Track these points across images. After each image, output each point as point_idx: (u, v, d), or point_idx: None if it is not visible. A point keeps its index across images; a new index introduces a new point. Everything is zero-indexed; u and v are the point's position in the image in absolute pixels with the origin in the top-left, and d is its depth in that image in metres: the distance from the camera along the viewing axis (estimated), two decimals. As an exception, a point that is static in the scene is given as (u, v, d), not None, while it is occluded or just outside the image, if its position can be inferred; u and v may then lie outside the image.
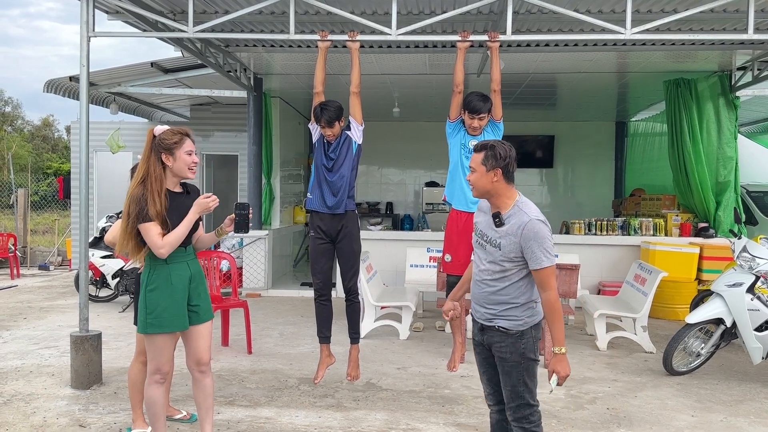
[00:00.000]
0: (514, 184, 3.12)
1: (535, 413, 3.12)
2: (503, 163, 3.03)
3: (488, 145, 3.08)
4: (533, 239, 2.93)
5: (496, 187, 3.06)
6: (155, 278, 3.42)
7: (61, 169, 26.92)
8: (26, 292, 9.60)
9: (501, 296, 3.06)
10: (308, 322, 7.50)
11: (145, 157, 3.42)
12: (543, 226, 2.97)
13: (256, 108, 9.37)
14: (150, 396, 3.51)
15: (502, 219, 3.04)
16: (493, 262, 3.06)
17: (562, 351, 2.98)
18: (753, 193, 10.68)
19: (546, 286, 2.97)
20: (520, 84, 9.78)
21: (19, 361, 5.75)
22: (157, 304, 3.39)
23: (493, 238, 3.07)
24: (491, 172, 3.04)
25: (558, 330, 2.99)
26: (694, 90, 8.67)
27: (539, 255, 2.93)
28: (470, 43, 5.53)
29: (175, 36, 6.11)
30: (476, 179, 3.09)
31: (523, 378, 3.06)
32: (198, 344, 3.55)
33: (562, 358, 2.98)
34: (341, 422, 4.35)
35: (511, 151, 3.08)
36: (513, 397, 3.09)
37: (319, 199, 5.05)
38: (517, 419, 3.12)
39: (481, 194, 3.13)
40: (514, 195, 3.08)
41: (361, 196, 14.41)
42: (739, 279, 5.31)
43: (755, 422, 4.49)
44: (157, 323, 3.40)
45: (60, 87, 9.59)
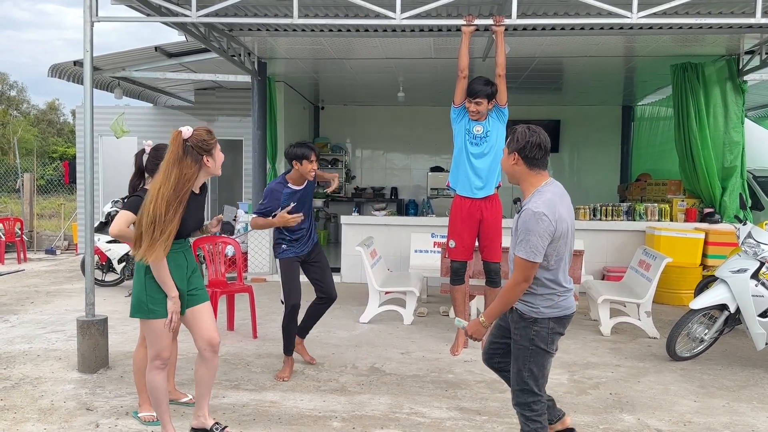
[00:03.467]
0: (542, 171, 3.08)
1: (538, 403, 3.13)
2: (521, 147, 3.02)
3: (513, 129, 3.11)
4: (520, 227, 2.98)
5: (516, 170, 3.08)
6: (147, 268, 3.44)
7: (67, 153, 26.99)
8: (33, 277, 9.67)
9: None
10: (313, 307, 7.53)
11: (175, 160, 3.37)
12: (532, 217, 2.92)
13: (261, 92, 9.35)
14: (151, 381, 3.55)
15: (520, 206, 3.09)
16: (513, 251, 3.12)
17: (482, 320, 3.12)
18: (760, 178, 10.61)
19: (515, 270, 3.01)
20: (525, 68, 9.72)
21: (27, 345, 5.81)
22: (158, 290, 3.44)
23: (513, 227, 3.14)
24: (511, 156, 3.07)
25: (494, 306, 3.07)
26: (701, 74, 8.60)
27: (521, 242, 2.96)
28: (475, 27, 5.49)
29: (178, 21, 6.08)
30: (502, 162, 3.17)
31: (528, 364, 3.09)
32: (206, 324, 3.61)
33: (477, 323, 3.13)
34: (345, 406, 4.39)
35: (532, 136, 3.02)
36: (517, 381, 3.14)
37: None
38: (519, 404, 3.16)
39: (509, 178, 3.17)
40: (537, 183, 3.06)
41: (366, 181, 14.41)
42: (744, 265, 5.30)
43: (757, 407, 4.50)
44: (157, 309, 3.45)
45: (64, 72, 9.58)
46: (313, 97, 13.24)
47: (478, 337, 3.15)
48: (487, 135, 5.37)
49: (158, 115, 12.34)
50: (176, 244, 3.50)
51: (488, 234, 5.50)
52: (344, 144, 14.31)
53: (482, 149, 5.38)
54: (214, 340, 3.63)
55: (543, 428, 3.17)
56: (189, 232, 3.64)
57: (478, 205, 5.45)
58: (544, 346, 3.08)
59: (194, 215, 3.58)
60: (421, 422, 4.14)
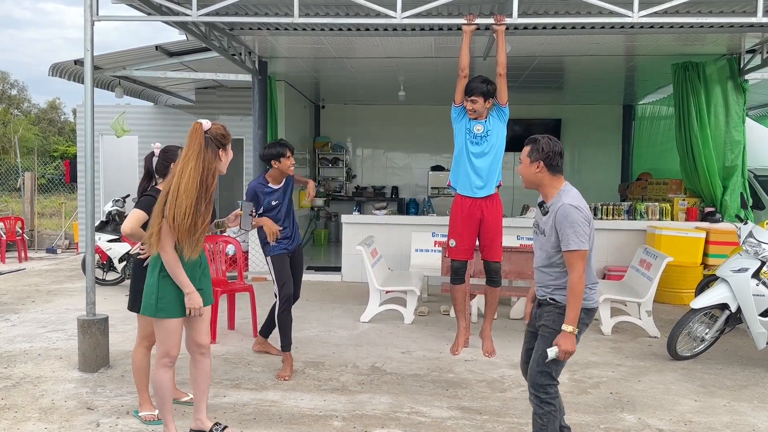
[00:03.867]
0: (561, 175, 3.33)
1: (554, 387, 3.30)
2: (545, 156, 3.26)
3: (534, 138, 3.33)
4: (563, 222, 3.15)
5: (539, 177, 3.30)
6: (161, 265, 3.47)
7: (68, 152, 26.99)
8: (34, 276, 9.67)
9: (554, 282, 3.30)
10: (313, 306, 7.54)
11: (198, 151, 3.39)
12: (575, 210, 3.16)
13: (261, 91, 9.34)
14: (158, 380, 3.56)
15: (546, 207, 3.30)
16: (542, 249, 3.34)
17: (570, 330, 3.15)
18: (761, 177, 10.60)
19: (571, 267, 3.16)
20: (526, 67, 9.71)
21: (28, 344, 5.81)
22: (171, 289, 3.46)
23: (542, 227, 3.34)
24: (534, 164, 3.29)
25: (573, 310, 3.16)
26: (702, 73, 8.58)
27: (567, 237, 3.14)
28: (476, 26, 5.49)
29: (179, 20, 6.08)
30: (522, 170, 3.37)
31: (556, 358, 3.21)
32: (198, 326, 3.63)
33: (568, 336, 3.15)
34: (346, 405, 4.39)
35: (555, 146, 3.29)
36: (539, 362, 3.28)
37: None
38: (535, 386, 3.30)
39: (527, 184, 3.39)
40: (559, 185, 3.31)
41: (367, 180, 14.41)
42: (745, 264, 5.29)
43: (758, 407, 4.50)
44: (169, 308, 3.47)
45: (65, 71, 9.58)
46: (313, 96, 13.24)
47: (574, 348, 3.17)
48: (487, 134, 5.36)
49: (159, 115, 12.33)
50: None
51: (488, 233, 5.49)
52: (345, 143, 14.31)
53: (483, 148, 5.37)
54: (202, 342, 3.66)
55: (555, 411, 3.31)
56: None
57: (479, 205, 5.44)
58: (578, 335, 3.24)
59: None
60: (422, 422, 4.14)
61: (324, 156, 14.11)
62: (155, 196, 3.83)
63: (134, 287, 4.08)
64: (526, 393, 4.65)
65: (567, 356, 3.17)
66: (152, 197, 3.87)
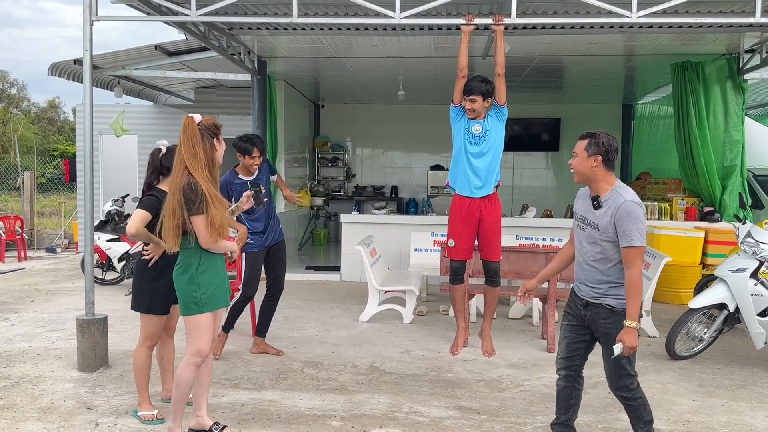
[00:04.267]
0: (613, 171, 3.37)
1: (634, 381, 3.42)
2: (604, 150, 3.31)
3: (592, 133, 3.37)
4: (626, 218, 3.19)
5: (595, 172, 3.33)
6: (205, 261, 3.54)
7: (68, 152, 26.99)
8: (33, 275, 9.68)
9: (605, 276, 3.33)
10: (312, 306, 7.55)
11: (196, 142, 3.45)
12: (637, 207, 3.21)
13: (261, 91, 9.35)
14: (185, 376, 3.58)
15: (600, 202, 3.33)
16: (594, 243, 3.35)
17: (633, 325, 3.22)
18: (760, 177, 10.60)
19: (631, 264, 3.20)
20: (526, 66, 9.71)
21: (27, 343, 5.82)
22: (210, 284, 3.55)
23: (592, 221, 3.36)
24: (592, 158, 3.32)
25: (634, 306, 3.22)
26: (701, 73, 8.59)
27: (630, 233, 3.17)
28: (474, 26, 5.49)
29: (178, 20, 6.08)
30: (577, 164, 3.39)
31: (621, 354, 3.28)
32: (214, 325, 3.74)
33: (631, 331, 3.22)
34: (344, 405, 4.40)
35: (614, 141, 3.35)
36: (616, 369, 3.38)
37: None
38: (619, 388, 3.43)
39: (580, 178, 3.42)
40: (612, 181, 3.36)
41: (366, 180, 14.42)
42: (743, 264, 5.30)
43: (756, 407, 4.51)
44: (211, 302, 3.57)
45: (64, 70, 9.59)
46: (313, 95, 13.24)
47: (637, 342, 3.26)
48: (485, 134, 5.36)
49: (158, 114, 12.33)
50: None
51: (487, 233, 5.49)
52: (344, 142, 14.31)
53: (481, 149, 5.37)
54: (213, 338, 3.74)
55: (644, 399, 3.45)
56: None
57: (478, 205, 5.45)
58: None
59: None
60: (420, 421, 4.14)
61: (323, 155, 14.11)
62: (158, 196, 3.89)
63: (138, 287, 4.09)
64: (524, 393, 4.68)
65: (632, 351, 3.25)
66: (155, 197, 3.91)
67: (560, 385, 3.65)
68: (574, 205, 3.58)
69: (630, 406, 3.44)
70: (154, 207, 3.86)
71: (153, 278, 4.01)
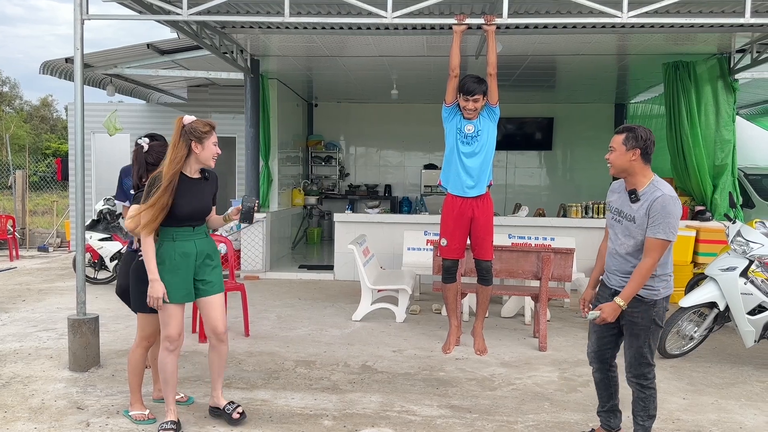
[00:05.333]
0: (650, 165, 3.43)
1: (652, 371, 3.51)
2: (642, 144, 3.36)
3: (630, 127, 3.43)
4: (660, 211, 3.26)
5: (633, 165, 3.38)
6: (161, 253, 3.74)
7: (60, 150, 26.88)
8: (25, 274, 9.64)
9: None
10: (305, 305, 7.55)
11: (173, 143, 3.70)
12: (673, 202, 3.28)
13: (254, 90, 9.34)
14: (161, 361, 3.85)
15: (638, 195, 3.39)
16: (630, 236, 3.41)
17: (621, 304, 3.35)
18: (751, 176, 10.67)
19: (649, 253, 3.29)
20: (518, 66, 9.73)
21: (18, 343, 5.80)
22: (162, 277, 3.70)
23: (629, 214, 3.42)
24: (630, 152, 3.37)
25: (632, 289, 3.34)
26: (692, 72, 8.63)
27: (659, 225, 3.25)
28: (466, 26, 5.49)
29: (170, 19, 6.06)
30: (615, 158, 3.43)
31: (648, 341, 3.43)
32: (211, 314, 3.92)
33: (616, 307, 3.36)
34: (336, 404, 4.40)
35: (651, 135, 3.39)
36: (636, 357, 3.46)
37: None
38: (636, 376, 3.51)
39: (617, 172, 3.46)
40: (650, 175, 3.42)
41: (360, 179, 14.42)
42: (733, 263, 5.33)
43: (745, 405, 4.54)
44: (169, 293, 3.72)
45: (56, 69, 9.55)
46: (306, 94, 13.23)
47: (613, 319, 3.38)
48: (478, 134, 5.37)
49: (151, 112, 12.30)
50: (184, 232, 3.77)
51: (479, 232, 5.51)
52: (338, 141, 14.31)
53: (473, 148, 5.38)
54: (216, 328, 3.94)
55: (655, 392, 3.54)
56: (186, 216, 3.76)
57: (470, 204, 5.46)
58: (661, 323, 3.45)
59: (190, 200, 3.75)
60: (412, 420, 4.16)
61: (317, 154, 14.10)
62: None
63: (138, 288, 4.02)
64: (515, 391, 4.70)
65: (602, 322, 3.39)
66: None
67: (596, 377, 3.76)
68: (608, 198, 3.65)
69: (643, 395, 3.51)
70: None
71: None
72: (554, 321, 6.91)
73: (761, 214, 9.59)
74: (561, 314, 7.32)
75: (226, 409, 4.04)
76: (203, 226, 3.91)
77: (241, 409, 4.06)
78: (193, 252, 3.78)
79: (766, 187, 10.64)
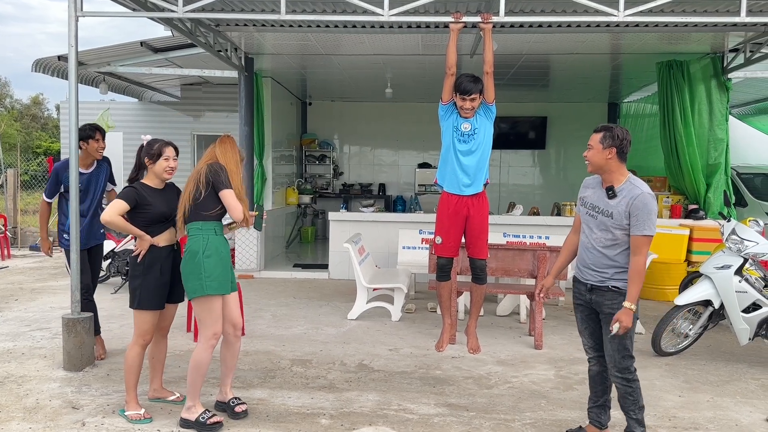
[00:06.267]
0: (626, 163, 3.53)
1: (633, 364, 3.55)
2: (619, 143, 3.46)
3: (608, 126, 3.55)
4: (642, 209, 3.36)
5: (609, 163, 3.49)
6: (210, 246, 3.88)
7: (52, 149, 26.70)
8: (17, 274, 9.57)
9: (613, 261, 3.49)
10: (300, 304, 7.53)
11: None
12: (653, 200, 3.40)
13: (248, 88, 9.30)
14: (202, 359, 3.89)
15: (615, 191, 3.48)
16: (605, 230, 3.50)
17: (632, 307, 3.39)
18: (743, 175, 10.73)
19: (638, 251, 3.39)
20: (513, 65, 9.74)
21: (11, 343, 5.75)
22: (214, 269, 3.86)
23: (605, 209, 3.51)
24: (607, 150, 3.47)
25: (635, 290, 3.41)
26: (686, 72, 8.66)
27: (644, 222, 3.36)
28: (463, 24, 5.49)
29: (164, 16, 6.03)
30: (592, 155, 3.53)
31: (629, 332, 3.47)
32: (233, 310, 4.08)
33: (629, 312, 3.39)
34: (333, 403, 4.39)
35: (628, 135, 3.50)
36: (619, 349, 3.51)
37: None
38: (621, 370, 3.55)
39: (594, 169, 3.56)
40: (625, 173, 3.52)
41: (354, 177, 14.41)
42: (728, 261, 5.36)
43: (741, 402, 4.56)
44: (216, 285, 3.86)
45: (48, 66, 9.47)
46: (300, 92, 13.20)
47: (631, 324, 3.41)
48: (474, 132, 5.37)
49: (144, 111, 12.25)
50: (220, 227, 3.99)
51: (475, 231, 5.50)
52: (332, 140, 14.29)
53: (470, 146, 5.38)
54: (237, 323, 4.11)
55: (639, 383, 3.57)
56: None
57: (465, 203, 5.45)
58: (637, 314, 3.50)
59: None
60: (409, 419, 4.15)
61: (311, 153, 14.08)
62: (138, 189, 4.03)
63: (130, 284, 4.09)
64: (512, 389, 4.71)
65: (626, 330, 3.40)
66: (135, 189, 4.02)
67: (594, 370, 3.79)
68: (581, 194, 3.71)
69: (629, 389, 3.55)
70: (132, 198, 3.96)
71: (142, 273, 4.00)
72: (549, 319, 6.93)
73: (754, 212, 9.66)
74: (556, 312, 7.34)
75: (231, 402, 4.13)
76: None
77: (245, 406, 4.14)
78: (228, 247, 4.04)
79: (758, 186, 10.72)
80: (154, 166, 4.02)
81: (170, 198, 4.11)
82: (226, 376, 4.19)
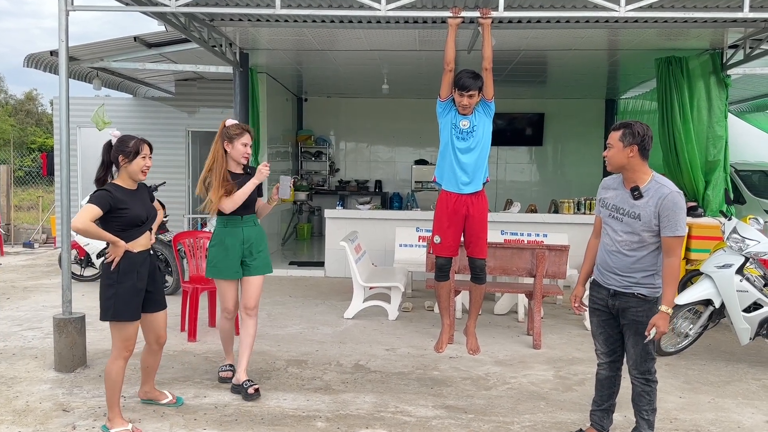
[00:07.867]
0: (648, 161, 3.41)
1: (654, 366, 3.54)
2: (640, 140, 3.33)
3: (627, 123, 3.39)
4: (673, 208, 3.26)
5: (631, 162, 3.36)
6: (214, 237, 4.48)
7: (46, 144, 26.48)
8: (10, 271, 9.46)
9: (640, 264, 3.39)
10: (296, 303, 7.45)
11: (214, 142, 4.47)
12: (682, 198, 3.29)
13: (242, 84, 9.18)
14: (223, 327, 4.65)
15: (641, 192, 3.35)
16: (632, 233, 3.38)
17: (668, 311, 3.31)
18: (742, 172, 10.69)
19: (672, 252, 3.30)
20: (510, 61, 9.66)
21: (1, 343, 5.66)
22: (214, 257, 4.44)
23: (631, 210, 3.38)
24: (628, 148, 3.34)
25: (671, 292, 3.32)
26: (685, 68, 8.58)
27: (676, 223, 3.26)
28: (461, 19, 5.40)
29: (157, 10, 5.92)
30: (613, 154, 3.40)
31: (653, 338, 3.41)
32: (248, 292, 4.51)
33: (665, 316, 3.31)
34: (329, 405, 4.32)
35: (648, 130, 3.36)
36: (642, 354, 3.48)
37: None
38: (642, 372, 3.53)
39: (616, 168, 3.44)
40: (648, 171, 3.40)
41: (350, 174, 14.32)
42: (729, 260, 5.30)
43: (742, 403, 4.51)
44: (215, 271, 4.44)
45: (40, 62, 9.35)
46: (296, 88, 13.09)
47: (666, 329, 3.35)
48: (473, 130, 5.28)
49: (138, 107, 12.11)
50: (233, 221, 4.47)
51: (474, 230, 5.42)
52: (328, 136, 14.19)
53: (469, 144, 5.30)
54: (248, 304, 4.49)
55: (657, 383, 3.57)
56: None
57: (464, 201, 5.37)
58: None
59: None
60: (407, 421, 4.08)
61: (307, 149, 13.98)
62: (111, 191, 3.67)
63: (101, 294, 3.75)
64: (511, 390, 4.64)
65: (662, 334, 3.35)
66: (108, 192, 3.66)
67: (603, 374, 3.74)
68: (601, 195, 3.59)
69: (648, 388, 3.52)
70: (106, 203, 3.61)
71: (117, 281, 3.69)
72: (547, 318, 6.86)
73: (752, 210, 9.62)
74: (554, 311, 7.27)
75: (244, 384, 4.39)
76: (252, 216, 4.54)
77: (257, 387, 4.41)
78: (240, 237, 4.43)
79: (756, 183, 10.68)
80: (130, 165, 3.71)
81: (145, 199, 3.89)
82: (242, 358, 4.47)
